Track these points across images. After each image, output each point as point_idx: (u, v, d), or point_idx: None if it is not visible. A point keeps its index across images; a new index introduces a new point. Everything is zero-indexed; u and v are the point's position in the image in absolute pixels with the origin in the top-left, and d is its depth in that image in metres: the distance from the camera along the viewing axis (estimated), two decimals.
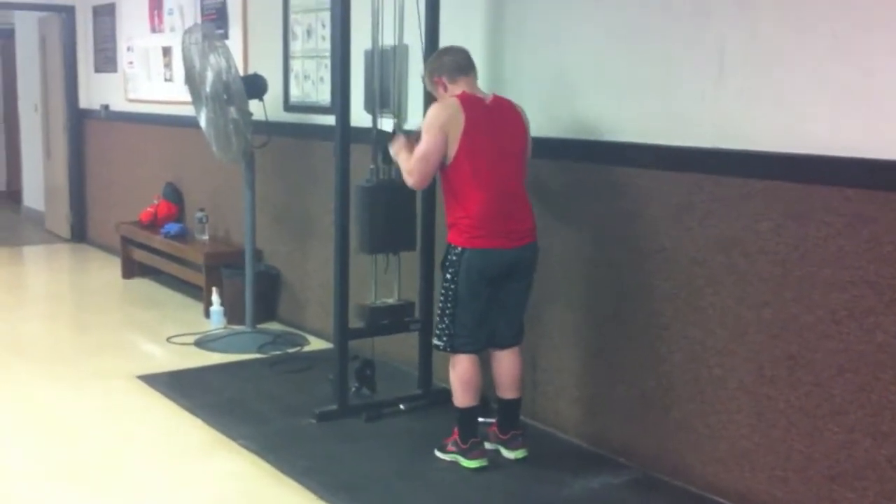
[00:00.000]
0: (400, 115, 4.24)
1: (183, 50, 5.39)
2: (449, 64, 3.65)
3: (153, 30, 7.38)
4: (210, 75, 5.22)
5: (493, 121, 3.58)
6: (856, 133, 2.91)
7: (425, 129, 3.55)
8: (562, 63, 3.90)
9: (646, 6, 3.53)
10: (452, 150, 3.51)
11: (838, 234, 2.95)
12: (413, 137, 3.75)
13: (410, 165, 3.62)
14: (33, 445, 4.00)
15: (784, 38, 3.08)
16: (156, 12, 7.31)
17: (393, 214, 4.12)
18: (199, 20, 6.52)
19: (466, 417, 3.68)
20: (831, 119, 2.97)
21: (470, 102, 3.55)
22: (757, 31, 3.15)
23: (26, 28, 10.05)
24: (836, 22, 2.94)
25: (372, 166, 4.19)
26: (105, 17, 8.27)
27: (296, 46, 5.64)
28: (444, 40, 4.15)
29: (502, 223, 3.54)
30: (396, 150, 3.83)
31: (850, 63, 2.91)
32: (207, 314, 5.95)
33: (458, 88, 3.62)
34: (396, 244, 4.23)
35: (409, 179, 3.65)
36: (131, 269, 7.37)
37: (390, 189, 4.14)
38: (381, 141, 4.17)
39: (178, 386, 4.69)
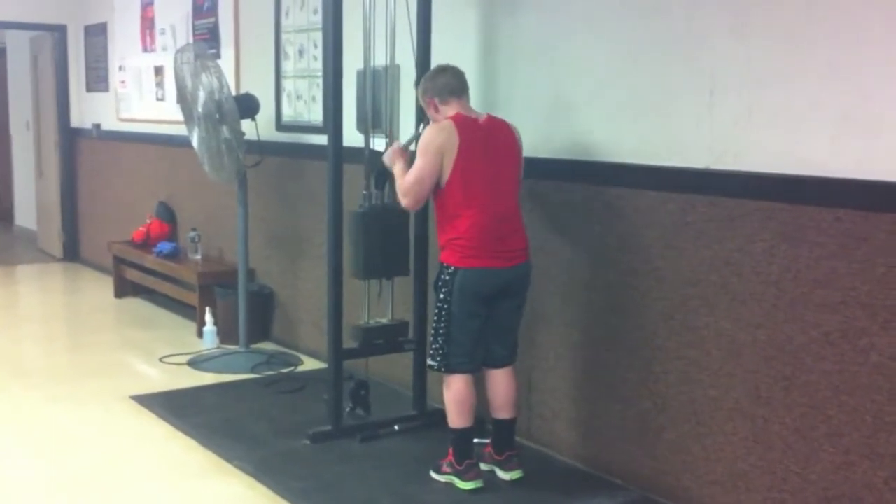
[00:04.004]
0: (392, 136, 4.24)
1: (175, 69, 5.39)
2: (441, 86, 3.66)
3: (145, 49, 7.39)
4: (202, 95, 5.22)
5: (487, 141, 3.58)
6: (848, 155, 2.92)
7: (421, 151, 3.55)
8: (556, 85, 3.91)
9: (641, 29, 3.54)
10: (447, 172, 3.51)
11: (831, 256, 2.96)
12: (406, 144, 3.75)
13: (406, 186, 3.61)
14: (25, 468, 3.98)
15: (778, 62, 3.09)
16: (148, 32, 7.32)
17: (386, 240, 4.12)
18: (191, 40, 6.53)
19: (461, 438, 3.67)
20: (824, 141, 2.98)
21: (464, 124, 3.56)
22: (751, 55, 3.16)
23: (18, 47, 10.05)
24: (829, 45, 2.95)
25: (365, 192, 4.18)
26: (97, 36, 8.27)
27: (288, 66, 5.65)
28: (437, 61, 4.15)
29: (496, 243, 3.54)
30: (392, 158, 3.81)
31: (843, 86, 2.92)
32: (200, 334, 5.93)
33: (449, 110, 3.63)
34: (390, 270, 4.23)
35: (404, 200, 3.65)
36: (124, 289, 7.36)
37: (383, 214, 4.14)
38: (373, 162, 4.17)
39: (172, 406, 4.67)
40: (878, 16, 2.83)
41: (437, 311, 3.62)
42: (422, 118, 3.94)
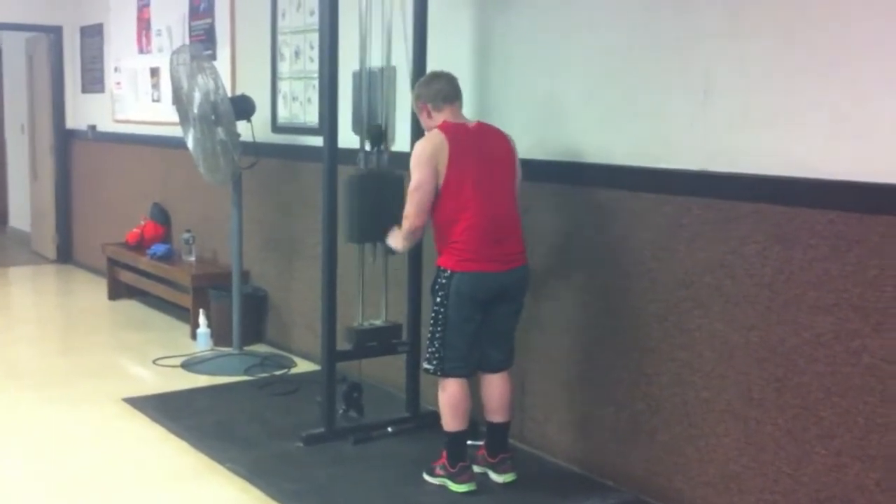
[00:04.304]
0: (387, 130, 4.24)
1: (171, 70, 5.39)
2: (435, 92, 3.67)
3: (141, 50, 7.39)
4: (198, 96, 5.22)
5: (478, 146, 3.59)
6: (842, 157, 2.92)
7: (413, 165, 3.57)
8: (550, 86, 3.92)
9: (634, 31, 3.55)
10: (441, 180, 3.53)
11: (824, 258, 2.96)
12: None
13: (407, 205, 3.60)
14: (18, 469, 3.97)
15: (773, 64, 3.09)
16: (144, 33, 7.32)
17: (380, 203, 4.09)
18: (187, 41, 6.53)
19: (455, 441, 3.66)
20: (818, 143, 2.99)
21: (453, 130, 3.58)
22: (746, 56, 3.17)
23: (13, 48, 10.05)
24: (823, 47, 2.96)
25: (360, 155, 4.18)
26: (93, 37, 8.27)
27: (284, 67, 5.65)
28: (432, 63, 4.16)
29: (493, 247, 3.54)
30: (396, 240, 3.83)
31: (837, 87, 2.93)
32: (194, 336, 5.92)
33: (441, 116, 3.65)
34: (383, 234, 4.21)
35: (406, 222, 3.62)
36: (118, 291, 7.34)
37: (377, 178, 4.14)
38: (370, 132, 4.17)
39: (165, 409, 4.66)
40: (872, 17, 2.84)
41: (433, 314, 3.62)
42: (417, 124, 3.95)
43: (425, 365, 3.70)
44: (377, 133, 4.17)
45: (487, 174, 3.57)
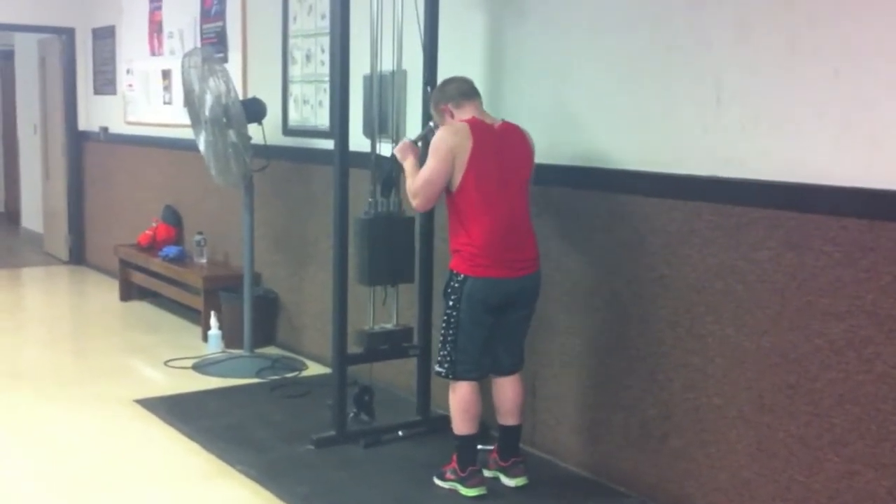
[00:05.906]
0: (398, 141, 4.24)
1: (182, 73, 5.40)
2: (453, 91, 3.66)
3: (153, 52, 7.41)
4: (209, 99, 5.23)
5: (501, 147, 3.57)
6: (854, 163, 2.91)
7: (433, 151, 3.55)
8: (561, 92, 3.92)
9: (646, 38, 3.54)
10: (459, 175, 3.50)
11: (836, 264, 2.95)
12: (416, 140, 3.75)
13: (416, 187, 3.60)
14: (29, 470, 3.98)
15: (783, 70, 3.09)
16: (155, 35, 7.34)
17: (391, 246, 4.13)
18: (198, 44, 6.55)
19: (465, 445, 3.66)
20: (830, 149, 2.98)
21: (479, 128, 3.55)
22: (756, 63, 3.16)
23: (26, 49, 10.08)
24: (835, 54, 2.95)
25: (371, 199, 4.19)
26: (105, 39, 8.30)
27: (295, 71, 5.66)
28: (443, 66, 4.16)
29: (506, 252, 3.54)
30: (402, 153, 3.80)
31: (848, 94, 2.92)
32: (205, 338, 5.94)
33: (465, 113, 3.62)
34: (395, 276, 4.24)
35: (414, 201, 3.64)
36: (129, 292, 7.37)
37: (389, 221, 4.16)
38: (380, 168, 4.18)
39: (176, 411, 4.67)
40: (883, 23, 2.83)
41: (445, 318, 3.62)
42: (429, 121, 3.95)
43: (437, 368, 3.70)
44: (388, 181, 4.16)
45: (507, 178, 3.55)
